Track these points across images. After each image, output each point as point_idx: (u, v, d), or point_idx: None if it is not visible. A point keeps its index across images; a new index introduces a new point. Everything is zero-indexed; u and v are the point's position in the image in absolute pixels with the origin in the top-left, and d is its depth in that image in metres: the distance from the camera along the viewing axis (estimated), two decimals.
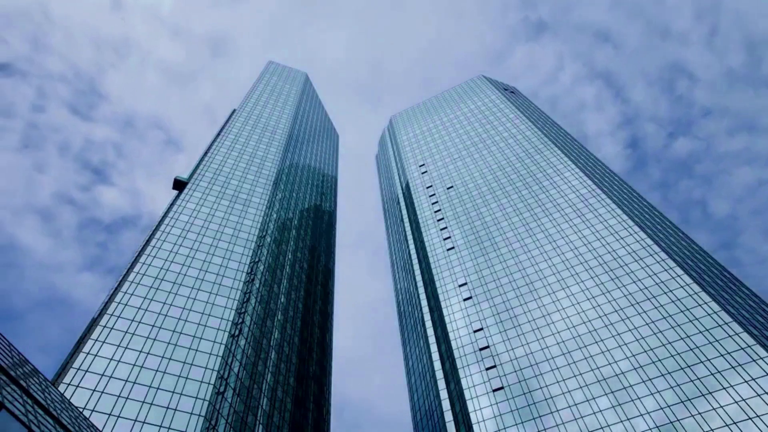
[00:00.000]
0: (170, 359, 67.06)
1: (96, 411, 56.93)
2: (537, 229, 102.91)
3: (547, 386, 73.06)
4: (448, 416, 77.74)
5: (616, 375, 69.88)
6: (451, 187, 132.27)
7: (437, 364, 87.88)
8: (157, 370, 64.77)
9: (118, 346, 65.91)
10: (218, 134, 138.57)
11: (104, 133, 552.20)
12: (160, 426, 58.50)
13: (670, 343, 70.21)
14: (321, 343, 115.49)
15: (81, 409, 55.93)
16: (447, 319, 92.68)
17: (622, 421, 64.13)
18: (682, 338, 69.95)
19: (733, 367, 63.63)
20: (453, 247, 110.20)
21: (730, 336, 67.18)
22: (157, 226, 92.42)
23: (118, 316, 70.04)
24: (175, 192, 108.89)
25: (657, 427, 61.66)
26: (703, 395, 62.36)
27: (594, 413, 66.75)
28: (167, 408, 60.71)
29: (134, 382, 62.07)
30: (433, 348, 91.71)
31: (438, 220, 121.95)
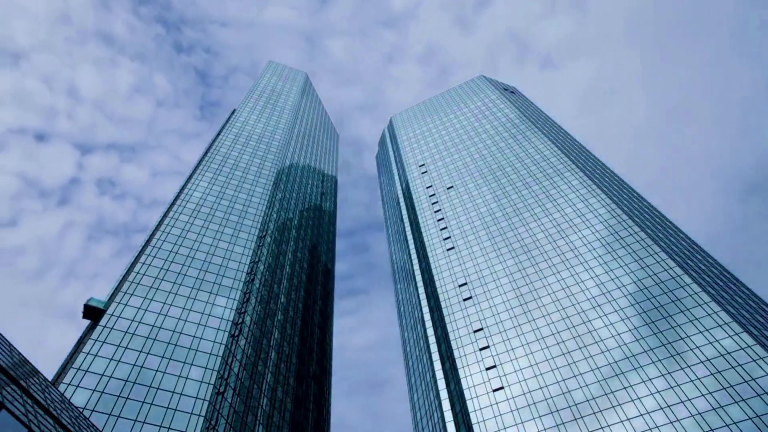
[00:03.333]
0: (170, 359, 67.07)
1: (96, 411, 56.93)
2: (537, 229, 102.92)
3: (547, 386, 73.07)
4: (448, 416, 77.74)
5: (616, 375, 69.88)
6: (451, 187, 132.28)
7: (437, 364, 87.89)
8: (157, 370, 64.78)
9: (118, 346, 65.91)
10: (218, 134, 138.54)
11: None
12: (160, 426, 58.51)
13: (670, 343, 70.22)
14: (321, 343, 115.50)
15: (81, 409, 55.92)
16: (447, 319, 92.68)
17: (622, 422, 64.15)
18: (682, 338, 69.96)
19: (733, 367, 63.63)
20: (453, 247, 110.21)
21: (730, 336, 67.19)
22: (158, 226, 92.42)
23: (118, 316, 70.05)
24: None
25: (657, 426, 61.66)
26: (702, 395, 62.37)
27: (594, 413, 66.76)
28: (167, 408, 60.72)
29: (134, 382, 62.08)
30: (433, 348, 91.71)
31: (438, 220, 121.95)
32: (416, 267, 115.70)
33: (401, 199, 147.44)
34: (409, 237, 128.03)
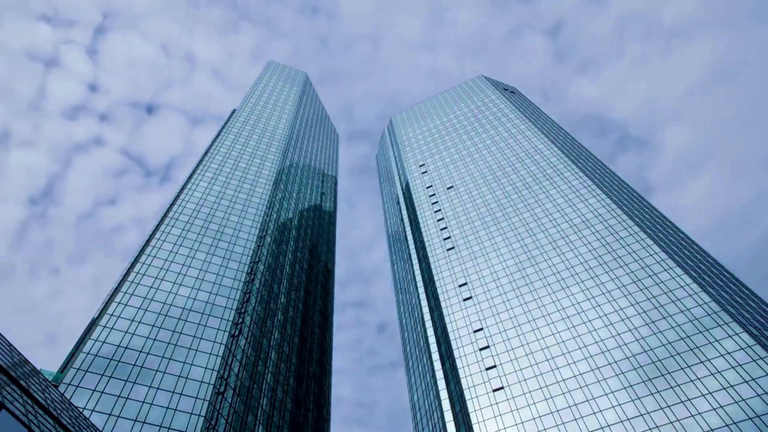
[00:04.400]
0: (170, 359, 67.09)
1: (96, 411, 56.94)
2: (537, 229, 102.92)
3: (547, 386, 73.07)
4: (448, 416, 77.74)
5: (616, 375, 69.89)
6: (451, 187, 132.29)
7: (437, 364, 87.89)
8: (157, 370, 64.79)
9: (119, 346, 65.92)
10: (218, 134, 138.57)
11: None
12: (160, 426, 58.52)
13: (670, 343, 70.22)
14: (321, 343, 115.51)
15: (81, 409, 55.92)
16: (447, 319, 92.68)
17: (622, 421, 64.15)
18: (682, 338, 69.96)
19: (733, 367, 63.64)
20: (453, 247, 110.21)
21: (730, 336, 67.19)
22: (157, 226, 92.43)
23: (119, 316, 70.06)
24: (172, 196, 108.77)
25: (657, 426, 61.67)
26: (703, 395, 62.38)
27: (594, 413, 66.77)
28: (167, 408, 60.73)
29: (134, 382, 62.09)
30: (433, 348, 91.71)
31: (438, 220, 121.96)
32: (416, 267, 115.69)
33: (401, 199, 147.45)
34: (409, 237, 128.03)
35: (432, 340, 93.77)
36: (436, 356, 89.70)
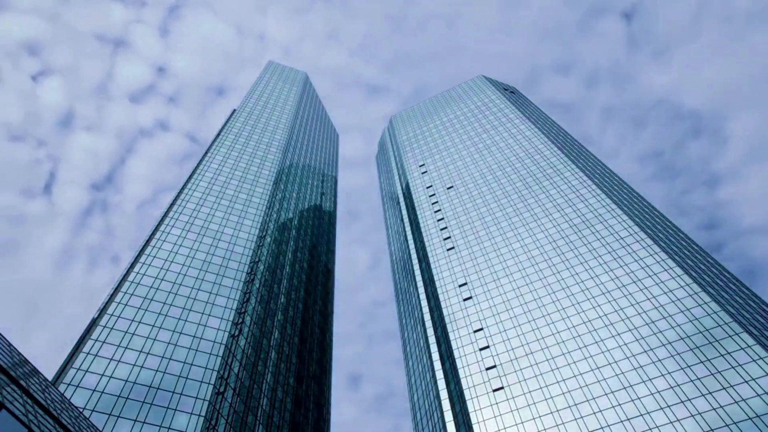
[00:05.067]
0: (170, 359, 67.08)
1: (96, 411, 56.93)
2: (537, 230, 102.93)
3: (547, 386, 73.07)
4: (448, 416, 77.74)
5: (616, 375, 69.89)
6: (451, 187, 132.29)
7: (437, 364, 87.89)
8: (157, 370, 64.78)
9: (118, 346, 65.92)
10: (218, 134, 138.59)
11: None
12: (160, 426, 58.51)
13: (670, 343, 70.22)
14: (321, 343, 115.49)
15: (81, 409, 55.92)
16: (447, 320, 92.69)
17: (622, 422, 64.14)
18: (681, 338, 69.96)
19: (733, 367, 63.63)
20: (453, 247, 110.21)
21: (730, 336, 67.18)
22: (157, 226, 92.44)
23: (118, 316, 70.06)
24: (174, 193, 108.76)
25: (657, 427, 61.66)
26: (703, 395, 62.37)
27: (594, 413, 66.76)
28: (167, 408, 60.72)
29: (134, 382, 62.08)
30: (433, 348, 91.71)
31: (438, 220, 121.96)
32: (416, 267, 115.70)
33: (401, 199, 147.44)
34: (409, 237, 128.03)
35: (432, 340, 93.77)
36: (436, 356, 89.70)
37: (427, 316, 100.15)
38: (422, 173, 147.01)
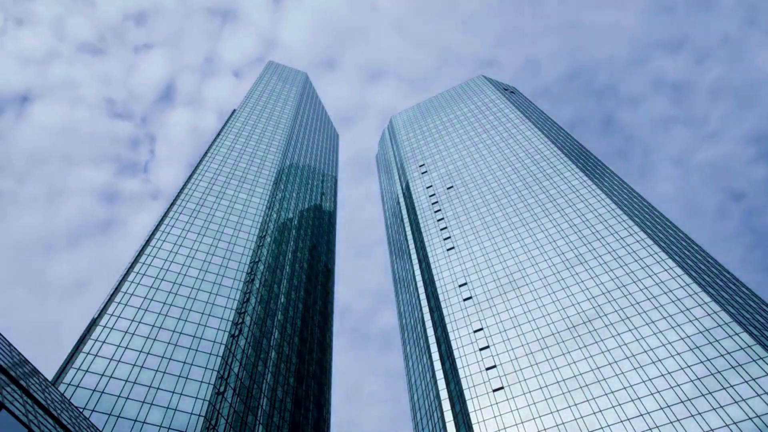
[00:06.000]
0: (170, 359, 67.08)
1: (96, 411, 56.93)
2: (537, 229, 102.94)
3: (547, 386, 73.06)
4: (448, 416, 77.75)
5: (616, 375, 69.89)
6: (451, 187, 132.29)
7: (437, 364, 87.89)
8: (157, 370, 64.79)
9: (118, 346, 65.92)
10: (218, 134, 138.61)
11: None
12: (160, 426, 58.51)
13: (670, 343, 70.22)
14: (321, 343, 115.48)
15: (81, 409, 55.94)
16: (447, 319, 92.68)
17: (622, 421, 64.14)
18: (681, 338, 69.96)
19: (733, 367, 63.63)
20: (453, 247, 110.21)
21: (730, 336, 67.19)
22: (158, 226, 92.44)
23: (118, 316, 70.06)
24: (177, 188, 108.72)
25: (657, 427, 61.66)
26: (703, 395, 62.37)
27: (594, 413, 66.76)
28: (167, 408, 60.72)
29: (134, 382, 62.08)
30: (433, 348, 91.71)
31: (438, 220, 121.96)
32: (416, 267, 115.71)
33: (401, 199, 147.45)
34: (409, 237, 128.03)
35: (432, 340, 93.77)
36: (436, 356, 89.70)
37: (427, 316, 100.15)
38: (422, 173, 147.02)
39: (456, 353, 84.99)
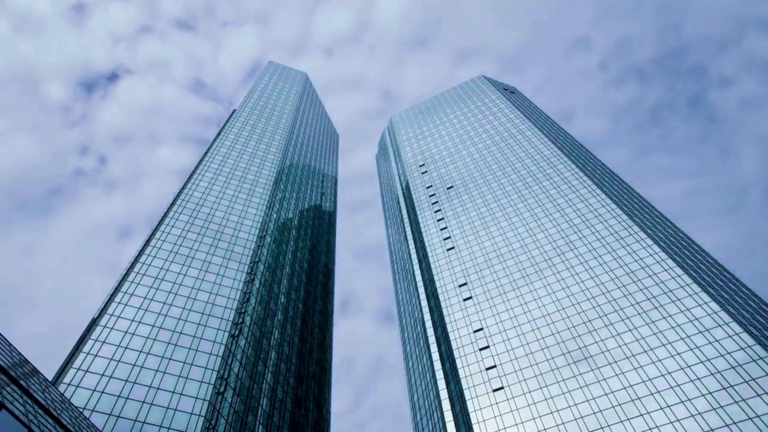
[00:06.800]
0: (170, 359, 67.07)
1: (96, 411, 56.93)
2: (537, 230, 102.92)
3: (547, 386, 73.06)
4: (448, 416, 77.74)
5: (616, 375, 69.89)
6: (451, 187, 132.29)
7: (437, 364, 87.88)
8: (157, 370, 64.78)
9: (118, 346, 65.91)
10: (218, 134, 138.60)
11: None
12: (160, 426, 58.51)
13: (670, 343, 70.22)
14: (321, 343, 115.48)
15: (81, 409, 55.94)
16: (447, 319, 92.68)
17: (622, 421, 64.14)
18: (681, 338, 69.95)
19: (732, 367, 63.62)
20: (453, 247, 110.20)
21: (730, 336, 67.18)
22: (158, 226, 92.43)
23: (118, 316, 70.05)
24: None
25: (657, 427, 61.65)
26: (703, 395, 62.37)
27: (594, 413, 66.76)
28: (167, 408, 60.72)
29: (134, 382, 62.07)
30: (433, 348, 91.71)
31: (438, 220, 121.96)
32: (416, 267, 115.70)
33: (401, 199, 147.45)
34: (409, 237, 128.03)
35: (432, 340, 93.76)
36: (436, 356, 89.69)
37: (427, 316, 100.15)
38: (422, 173, 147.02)
39: (456, 353, 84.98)
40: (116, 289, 76.12)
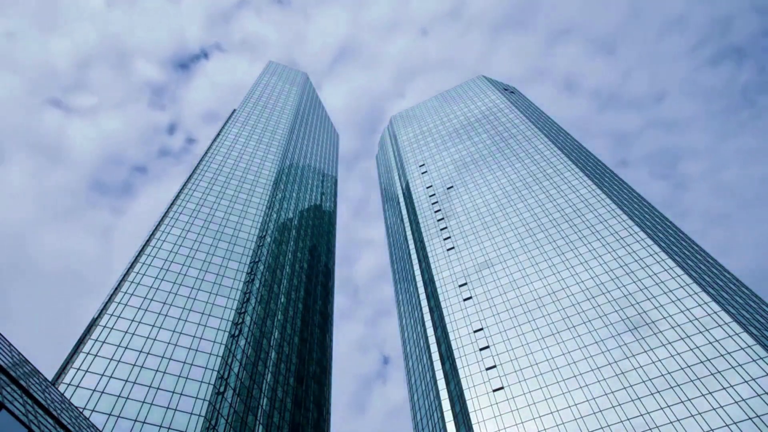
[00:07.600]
0: (170, 359, 67.08)
1: (96, 411, 56.93)
2: (537, 229, 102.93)
3: (547, 386, 73.06)
4: (448, 416, 77.74)
5: (616, 375, 69.89)
6: (451, 187, 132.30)
7: (437, 364, 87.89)
8: (157, 370, 64.78)
9: (118, 346, 65.91)
10: (218, 134, 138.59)
11: None
12: (160, 426, 58.51)
13: (670, 343, 70.22)
14: (321, 343, 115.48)
15: (81, 409, 55.94)
16: (447, 319, 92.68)
17: (622, 421, 64.14)
18: (681, 338, 69.96)
19: (733, 367, 63.63)
20: (453, 247, 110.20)
21: (730, 336, 67.19)
22: (157, 226, 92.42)
23: (118, 316, 70.05)
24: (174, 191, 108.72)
25: (657, 426, 61.66)
26: (703, 395, 62.37)
27: (594, 413, 66.77)
28: (167, 408, 60.72)
29: (134, 382, 62.08)
30: (433, 348, 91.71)
31: (438, 220, 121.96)
32: (416, 267, 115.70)
33: (401, 199, 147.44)
34: (409, 237, 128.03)
35: (432, 340, 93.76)
36: (436, 356, 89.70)
37: (427, 316, 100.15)
38: (422, 173, 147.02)
39: (456, 353, 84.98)
40: (116, 289, 76.12)
